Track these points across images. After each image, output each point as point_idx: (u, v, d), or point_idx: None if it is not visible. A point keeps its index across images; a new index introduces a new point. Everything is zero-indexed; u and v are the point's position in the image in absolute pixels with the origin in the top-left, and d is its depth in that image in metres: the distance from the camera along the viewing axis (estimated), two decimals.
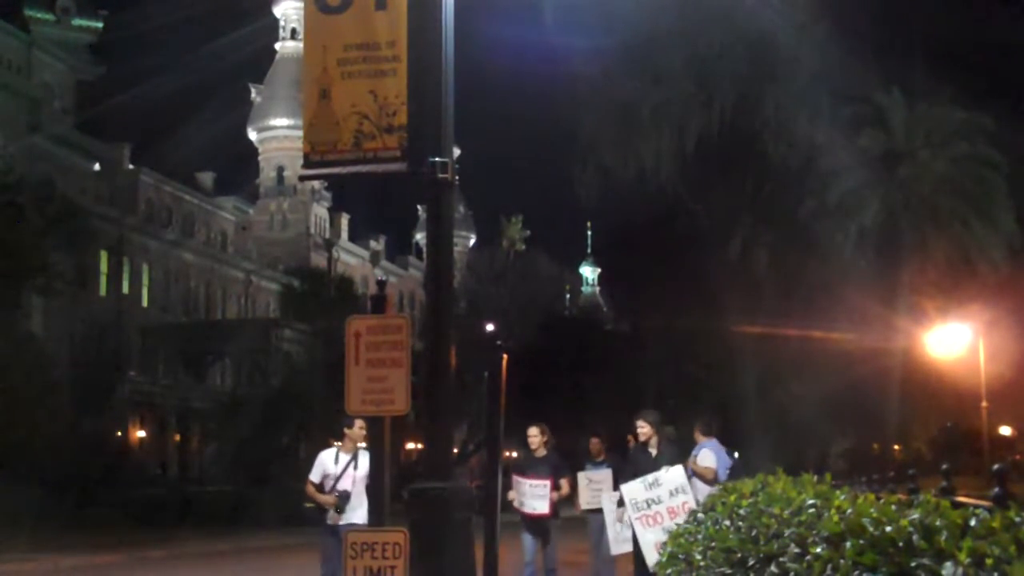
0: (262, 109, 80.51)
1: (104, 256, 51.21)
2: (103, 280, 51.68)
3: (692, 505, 10.38)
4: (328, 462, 11.14)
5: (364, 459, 10.47)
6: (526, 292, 48.22)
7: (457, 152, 8.53)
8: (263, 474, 43.02)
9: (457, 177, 8.55)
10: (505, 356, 8.60)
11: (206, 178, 69.57)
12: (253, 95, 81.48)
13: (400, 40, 8.46)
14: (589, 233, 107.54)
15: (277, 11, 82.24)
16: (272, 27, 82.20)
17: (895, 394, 38.05)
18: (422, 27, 8.35)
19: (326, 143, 8.59)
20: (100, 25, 58.16)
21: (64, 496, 30.26)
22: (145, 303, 55.64)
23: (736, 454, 13.92)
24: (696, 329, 36.66)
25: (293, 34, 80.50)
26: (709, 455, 12.36)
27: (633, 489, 11.44)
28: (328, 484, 10.94)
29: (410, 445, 47.45)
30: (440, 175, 8.01)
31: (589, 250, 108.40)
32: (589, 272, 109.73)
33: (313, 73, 8.64)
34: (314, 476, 11.15)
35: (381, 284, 8.29)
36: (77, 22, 56.98)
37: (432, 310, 7.99)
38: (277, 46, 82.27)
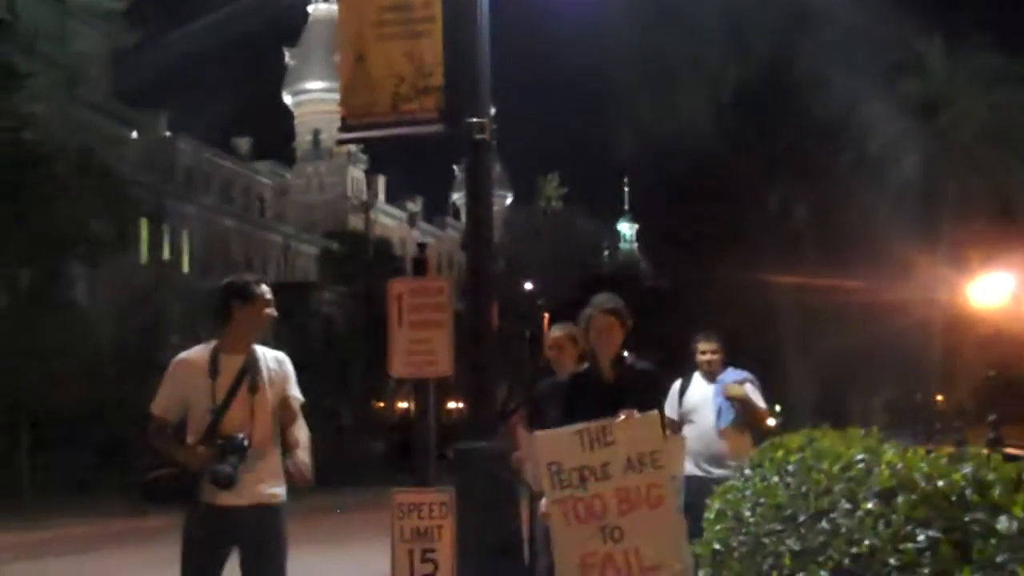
0: (296, 73, 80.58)
1: (144, 223, 51.51)
2: (144, 247, 52.05)
3: (668, 494, 5.67)
4: (197, 378, 5.44)
5: (275, 368, 5.54)
6: (564, 250, 48.16)
7: (492, 111, 8.53)
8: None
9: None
10: (547, 315, 8.62)
11: (243, 143, 69.80)
12: (287, 59, 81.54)
13: (434, 0, 8.44)
14: (626, 189, 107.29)
15: None
16: None
17: (938, 344, 37.86)
18: None
19: (363, 106, 8.59)
20: None
21: (111, 462, 30.66)
22: (186, 269, 56.00)
23: (777, 407, 12.08)
24: (735, 283, 36.55)
25: None
26: (756, 391, 8.58)
27: (554, 443, 5.90)
28: (197, 423, 5.39)
29: (451, 404, 47.67)
30: (478, 135, 8.00)
31: (626, 206, 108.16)
32: (627, 228, 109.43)
33: (348, 36, 8.64)
34: (166, 407, 5.48)
35: (421, 246, 8.19)
36: None
37: (473, 271, 8.00)
38: (310, 8, 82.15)
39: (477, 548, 6.84)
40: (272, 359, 5.55)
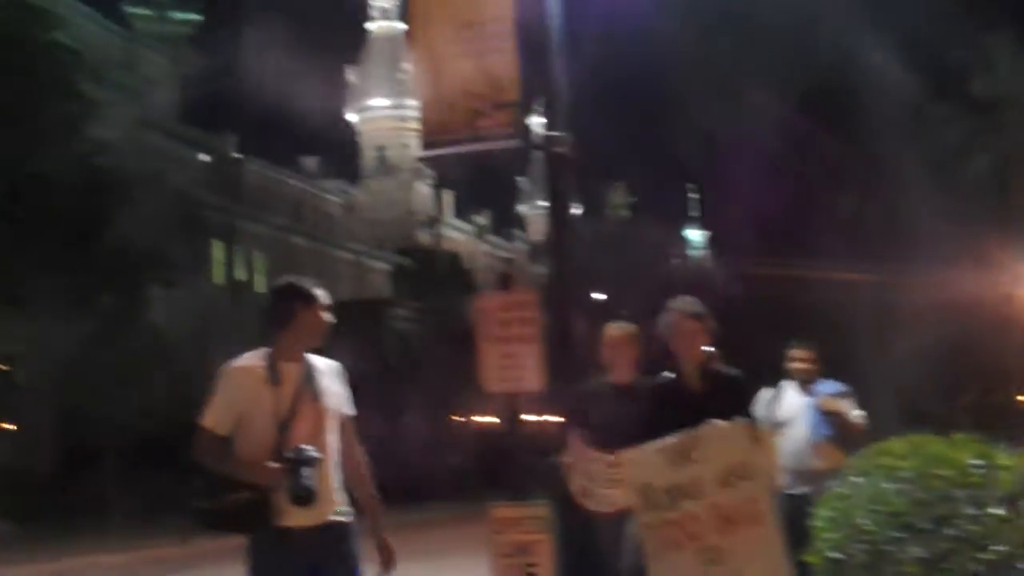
0: (359, 91, 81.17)
1: (217, 245, 52.21)
2: (217, 268, 52.73)
3: (768, 507, 5.16)
4: (256, 386, 4.91)
5: (331, 377, 5.19)
6: (633, 259, 48.06)
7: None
8: (383, 451, 43.79)
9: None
10: None
11: (310, 162, 70.49)
12: (349, 77, 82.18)
13: (506, 15, 8.48)
14: (693, 196, 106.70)
15: None
16: (361, 6, 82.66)
17: (1019, 343, 37.26)
18: (529, 1, 8.36)
19: (440, 124, 8.66)
20: (198, 17, 59.48)
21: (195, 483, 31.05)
22: (259, 288, 56.60)
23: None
24: (808, 287, 36.27)
25: (384, 13, 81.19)
26: (853, 405, 8.14)
27: (641, 463, 5.62)
28: (257, 437, 4.85)
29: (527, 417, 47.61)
30: (556, 149, 8.05)
31: (695, 213, 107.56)
32: (695, 235, 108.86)
33: (423, 55, 8.72)
34: (218, 419, 4.95)
35: (507, 261, 8.25)
36: (176, 15, 58.27)
37: (555, 286, 8.02)
38: (369, 26, 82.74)
39: (569, 562, 6.86)
40: (326, 367, 5.16)
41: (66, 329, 31.80)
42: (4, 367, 30.48)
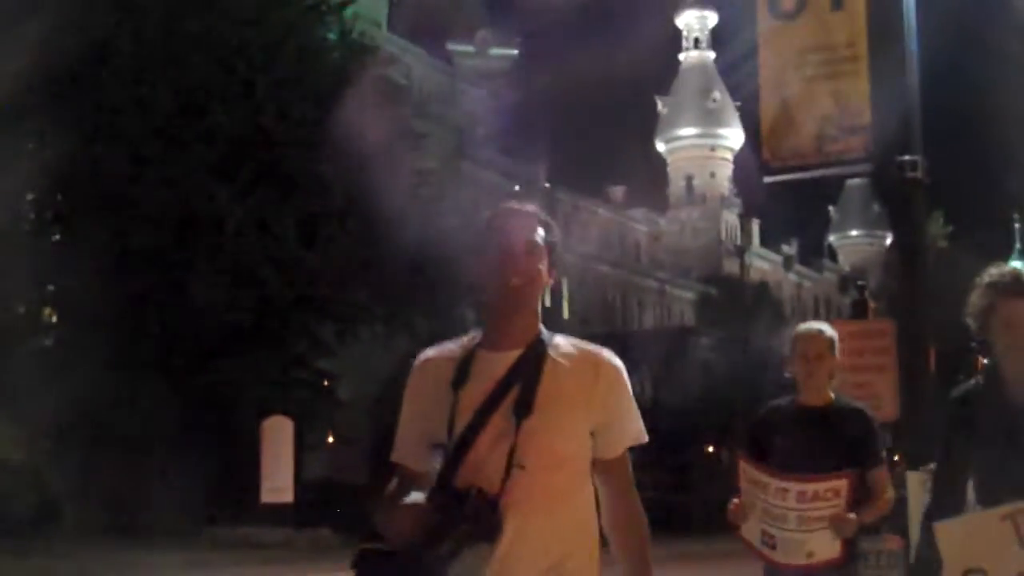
0: (669, 120, 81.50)
1: None
2: None
3: None
4: (437, 391, 2.78)
5: (581, 372, 2.75)
6: (952, 291, 46.02)
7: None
8: (684, 481, 43.62)
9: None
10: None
11: (617, 192, 71.19)
12: (659, 107, 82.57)
13: (859, 40, 8.31)
14: (1017, 226, 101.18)
15: (679, 22, 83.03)
16: (674, 37, 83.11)
17: None
18: (883, 25, 8.15)
19: (787, 149, 8.57)
20: (515, 52, 61.30)
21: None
22: (566, 315, 57.55)
23: None
24: None
25: (696, 44, 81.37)
26: None
27: (969, 538, 3.42)
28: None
29: None
30: (909, 174, 7.79)
31: (1019, 244, 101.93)
32: (1019, 266, 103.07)
33: (770, 79, 8.65)
34: (404, 448, 2.99)
35: (860, 288, 8.00)
36: (494, 51, 60.22)
37: (907, 319, 7.76)
38: (681, 56, 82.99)
39: None
40: (576, 360, 2.78)
41: (385, 350, 33.30)
42: (327, 383, 32.05)
